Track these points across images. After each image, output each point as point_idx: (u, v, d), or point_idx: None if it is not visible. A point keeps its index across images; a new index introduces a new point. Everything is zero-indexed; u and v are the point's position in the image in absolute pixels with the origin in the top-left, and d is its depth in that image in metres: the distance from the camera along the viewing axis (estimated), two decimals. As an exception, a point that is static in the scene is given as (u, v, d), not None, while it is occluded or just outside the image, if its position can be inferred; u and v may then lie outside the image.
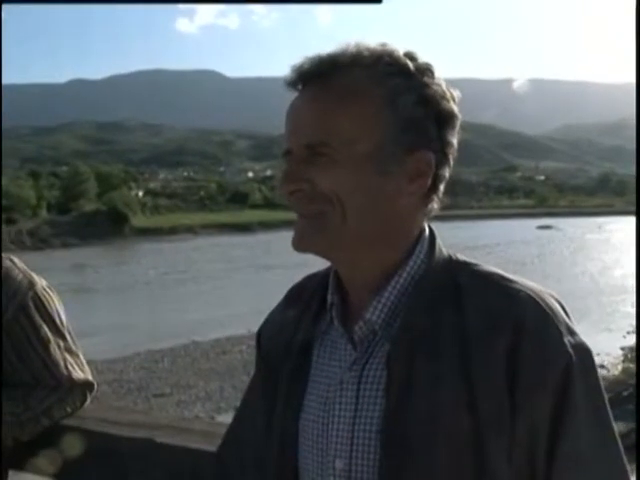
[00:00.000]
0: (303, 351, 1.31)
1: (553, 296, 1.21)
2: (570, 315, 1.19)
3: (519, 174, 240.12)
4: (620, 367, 15.72)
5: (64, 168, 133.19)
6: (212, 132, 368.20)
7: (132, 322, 24.37)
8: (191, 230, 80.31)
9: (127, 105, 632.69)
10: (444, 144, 1.22)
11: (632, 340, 19.44)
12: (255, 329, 1.49)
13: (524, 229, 73.39)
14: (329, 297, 1.30)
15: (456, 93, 1.24)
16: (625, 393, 12.22)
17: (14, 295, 2.09)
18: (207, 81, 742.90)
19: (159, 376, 18.38)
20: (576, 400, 1.12)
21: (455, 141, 1.24)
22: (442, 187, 1.26)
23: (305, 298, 1.37)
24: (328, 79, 1.19)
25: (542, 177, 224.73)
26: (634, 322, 22.50)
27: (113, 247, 64.86)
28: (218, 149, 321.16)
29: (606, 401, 1.17)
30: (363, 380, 1.22)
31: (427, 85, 1.20)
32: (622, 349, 18.42)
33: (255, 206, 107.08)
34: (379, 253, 1.23)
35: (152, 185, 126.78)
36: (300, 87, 1.23)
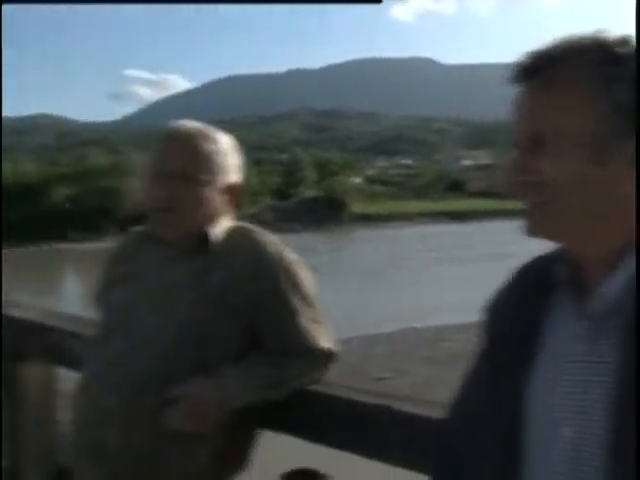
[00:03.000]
0: (531, 326, 1.33)
1: None
2: None
3: None
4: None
5: (284, 156, 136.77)
6: (429, 120, 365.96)
7: (347, 306, 24.77)
8: (407, 217, 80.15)
9: (343, 94, 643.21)
10: None
11: None
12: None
13: None
14: (559, 273, 1.32)
15: None
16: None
17: (267, 266, 2.24)
18: (421, 69, 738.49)
19: (375, 361, 18.58)
20: None
21: None
22: None
23: (532, 275, 1.41)
24: (544, 73, 1.25)
25: None
26: None
27: (332, 233, 65.76)
28: (434, 137, 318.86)
29: None
30: (593, 354, 1.22)
31: (635, 70, 1.22)
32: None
33: (472, 194, 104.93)
34: (606, 236, 1.25)
35: (370, 172, 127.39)
36: (521, 82, 1.29)
